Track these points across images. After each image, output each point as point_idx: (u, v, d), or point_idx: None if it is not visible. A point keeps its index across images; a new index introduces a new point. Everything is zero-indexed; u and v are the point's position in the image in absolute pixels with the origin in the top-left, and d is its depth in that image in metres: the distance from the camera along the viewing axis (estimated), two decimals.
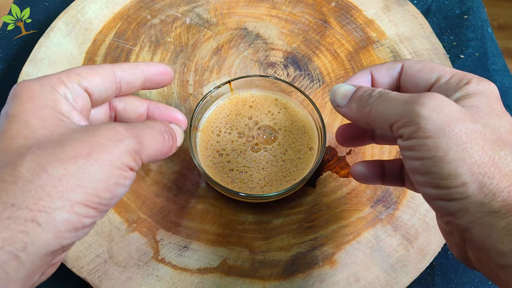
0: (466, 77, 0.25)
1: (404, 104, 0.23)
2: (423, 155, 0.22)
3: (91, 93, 0.26)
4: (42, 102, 0.23)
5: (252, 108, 0.43)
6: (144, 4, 0.53)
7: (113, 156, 0.22)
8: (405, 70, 0.28)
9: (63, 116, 0.24)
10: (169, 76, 0.30)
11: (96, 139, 0.22)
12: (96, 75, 0.26)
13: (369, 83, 0.29)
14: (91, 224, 0.22)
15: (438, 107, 0.22)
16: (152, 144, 0.25)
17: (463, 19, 0.57)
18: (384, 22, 0.52)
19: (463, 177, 0.21)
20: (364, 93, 0.26)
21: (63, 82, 0.25)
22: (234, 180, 0.39)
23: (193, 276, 0.37)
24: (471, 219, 0.21)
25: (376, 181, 0.32)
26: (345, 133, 0.33)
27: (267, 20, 0.52)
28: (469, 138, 0.22)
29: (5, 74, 0.52)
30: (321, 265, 0.38)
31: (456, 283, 0.40)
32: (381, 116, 0.25)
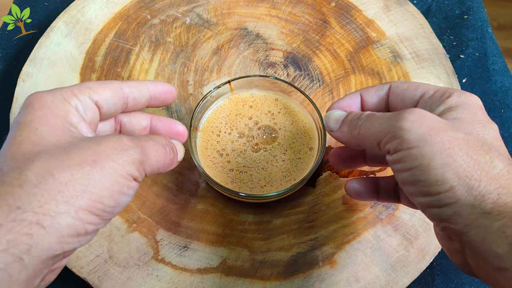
0: (448, 91, 0.27)
1: (388, 121, 0.25)
2: (410, 165, 0.23)
3: (100, 107, 0.27)
4: (52, 112, 0.24)
5: (252, 108, 0.43)
6: (144, 4, 0.53)
7: (118, 165, 0.23)
8: (392, 89, 0.30)
9: (72, 126, 0.24)
10: (172, 95, 0.31)
11: (102, 148, 0.23)
12: (106, 90, 0.27)
13: (358, 103, 0.31)
14: (93, 231, 0.22)
15: (419, 119, 0.24)
16: (155, 155, 0.26)
17: (463, 19, 0.57)
18: (384, 22, 0.52)
19: (450, 182, 0.22)
20: (354, 116, 0.29)
21: (75, 95, 0.26)
22: (234, 180, 0.39)
23: (193, 276, 0.37)
24: (466, 222, 0.22)
25: (370, 197, 0.33)
26: (338, 156, 0.35)
27: (267, 20, 0.52)
28: (452, 144, 0.23)
29: (5, 74, 0.52)
30: (321, 265, 0.38)
31: (456, 283, 0.40)
32: (369, 135, 0.26)
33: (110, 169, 0.22)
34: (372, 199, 0.33)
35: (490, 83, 0.52)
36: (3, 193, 0.20)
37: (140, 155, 0.24)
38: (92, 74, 0.48)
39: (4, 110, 0.48)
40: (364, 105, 0.31)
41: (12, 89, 0.46)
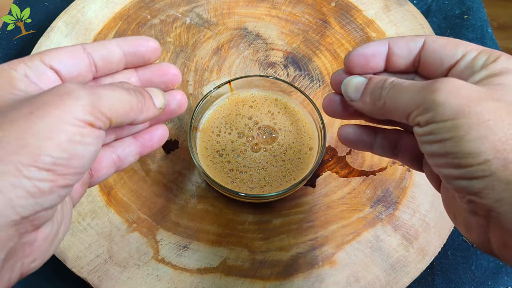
0: (494, 54, 0.24)
1: (419, 92, 0.23)
2: (442, 137, 0.22)
3: (57, 70, 0.24)
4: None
5: (252, 108, 0.43)
6: (144, 4, 0.53)
7: (60, 111, 0.20)
8: (427, 44, 0.26)
9: (17, 90, 0.22)
10: (152, 48, 0.27)
11: (41, 97, 0.20)
12: (60, 52, 0.24)
13: (384, 54, 0.27)
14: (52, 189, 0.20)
15: (455, 91, 0.22)
16: (113, 96, 0.22)
17: (463, 19, 0.57)
18: (384, 22, 0.52)
19: (485, 154, 0.20)
20: (377, 85, 0.25)
21: (23, 61, 0.23)
22: (234, 180, 0.39)
23: (193, 276, 0.37)
24: (497, 197, 0.21)
25: (364, 148, 0.30)
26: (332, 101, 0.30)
27: (267, 20, 0.52)
28: (492, 115, 0.21)
29: None
30: (321, 265, 0.38)
31: (456, 283, 0.40)
32: (396, 107, 0.24)
33: (50, 116, 0.20)
34: (365, 149, 0.30)
35: None
36: None
37: (90, 97, 0.21)
38: None
39: None
40: (391, 57, 0.27)
41: None
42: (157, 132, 0.29)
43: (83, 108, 0.20)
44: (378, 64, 0.27)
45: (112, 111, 0.22)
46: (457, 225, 0.25)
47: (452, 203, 0.25)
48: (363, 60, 0.27)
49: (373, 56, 0.27)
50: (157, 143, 0.29)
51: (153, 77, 0.28)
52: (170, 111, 0.29)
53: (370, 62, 0.27)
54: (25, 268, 0.21)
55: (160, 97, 0.27)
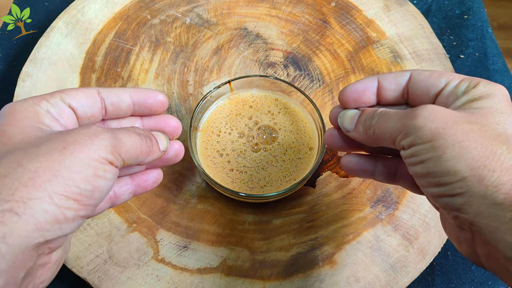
0: (474, 81, 0.26)
1: (401, 118, 0.25)
2: (423, 158, 0.23)
3: (75, 109, 0.27)
4: (22, 115, 0.24)
5: (252, 108, 0.43)
6: (144, 4, 0.53)
7: (89, 149, 0.22)
8: (413, 77, 0.29)
9: (44, 125, 0.24)
10: (159, 102, 0.30)
11: (71, 135, 0.23)
12: (79, 93, 0.27)
13: (374, 88, 0.30)
14: (74, 218, 0.22)
15: (432, 115, 0.24)
16: (129, 141, 0.25)
17: (463, 19, 0.57)
18: (384, 22, 0.52)
19: (461, 172, 0.22)
20: (367, 115, 0.28)
21: (45, 99, 0.26)
22: (234, 180, 0.39)
23: (193, 276, 0.37)
24: (476, 211, 0.22)
25: (365, 176, 0.32)
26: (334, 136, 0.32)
27: (267, 20, 0.52)
28: (466, 136, 0.23)
29: (5, 74, 0.52)
30: (321, 265, 0.38)
31: (456, 283, 0.40)
32: (383, 133, 0.26)
33: (80, 153, 0.22)
34: (367, 177, 0.33)
35: None
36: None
37: (112, 140, 0.24)
38: (92, 74, 0.48)
39: None
40: (381, 91, 0.30)
41: (12, 89, 0.46)
42: (152, 174, 0.32)
43: (106, 148, 0.23)
44: (369, 98, 0.30)
45: (127, 154, 0.25)
46: (451, 240, 0.26)
47: (445, 220, 0.27)
48: (356, 95, 0.30)
49: (364, 91, 0.30)
50: (151, 185, 0.32)
51: (156, 127, 0.32)
52: (167, 159, 0.32)
53: (362, 97, 0.30)
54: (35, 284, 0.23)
55: (164, 141, 0.30)
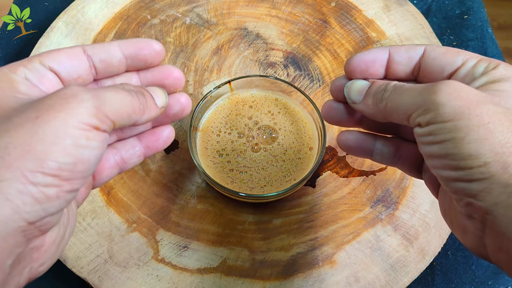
0: (494, 62, 0.25)
1: (420, 93, 0.23)
2: (443, 138, 0.22)
3: (57, 72, 0.24)
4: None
5: (252, 108, 0.43)
6: (144, 4, 0.53)
7: (65, 114, 0.20)
8: (428, 52, 0.27)
9: (20, 93, 0.22)
10: (155, 52, 0.27)
11: (45, 101, 0.20)
12: (60, 53, 0.24)
13: (384, 60, 0.28)
14: (58, 195, 0.20)
15: (456, 92, 0.22)
16: (116, 99, 0.22)
17: (463, 19, 0.57)
18: (384, 22, 0.52)
19: (485, 157, 0.21)
20: (379, 88, 0.26)
21: (22, 64, 0.23)
22: (234, 180, 0.39)
23: (193, 276, 0.37)
24: (494, 200, 0.21)
25: (363, 155, 0.30)
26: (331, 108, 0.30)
27: (267, 20, 0.52)
28: (492, 118, 0.21)
29: None
30: (321, 265, 0.38)
31: (456, 283, 0.40)
32: (397, 108, 0.24)
33: (56, 120, 0.19)
34: (365, 156, 0.30)
35: None
36: None
37: (94, 100, 0.21)
38: None
39: None
40: (391, 64, 0.28)
41: None
42: (163, 133, 0.28)
43: (88, 111, 0.20)
44: (378, 71, 0.27)
45: (115, 114, 0.22)
46: (453, 230, 0.25)
47: (449, 208, 0.25)
48: (364, 65, 0.27)
49: (373, 62, 0.27)
50: (162, 144, 0.28)
51: (155, 80, 0.28)
52: (172, 114, 0.28)
53: (370, 68, 0.27)
54: (33, 272, 0.21)
55: (161, 96, 0.26)
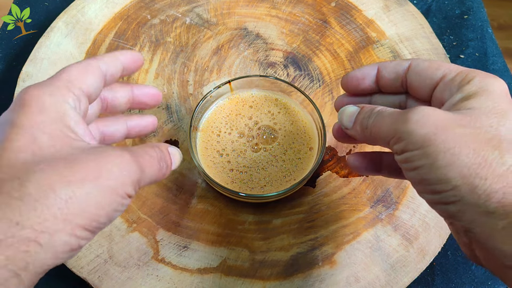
0: (470, 75, 0.25)
1: (394, 122, 0.25)
2: (416, 164, 0.23)
3: (89, 95, 0.27)
4: (51, 116, 0.24)
5: (252, 108, 0.43)
6: (144, 4, 0.53)
7: (118, 184, 0.23)
8: (412, 67, 0.28)
9: (70, 131, 0.24)
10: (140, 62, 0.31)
11: (104, 164, 0.23)
12: (89, 75, 0.27)
13: (373, 76, 0.30)
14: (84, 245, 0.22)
15: (422, 120, 0.23)
16: (150, 171, 0.26)
17: (463, 19, 0.57)
18: (384, 22, 0.52)
19: (454, 181, 0.22)
20: (365, 114, 0.28)
21: (69, 90, 0.25)
22: (234, 180, 0.39)
23: (193, 276, 0.37)
24: (470, 219, 0.22)
25: (372, 173, 0.32)
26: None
27: (267, 20, 0.52)
28: (457, 142, 0.22)
29: (5, 74, 0.52)
30: (321, 265, 0.38)
31: (456, 283, 0.40)
32: (378, 135, 0.26)
33: (110, 187, 0.22)
34: (374, 174, 0.32)
35: None
36: (2, 205, 0.20)
37: (138, 174, 0.24)
38: None
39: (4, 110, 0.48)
40: (380, 80, 0.30)
41: (12, 89, 0.46)
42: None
43: (132, 183, 0.24)
44: (369, 86, 0.30)
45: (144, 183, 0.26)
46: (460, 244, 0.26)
47: None
48: (355, 82, 0.30)
49: (363, 80, 0.30)
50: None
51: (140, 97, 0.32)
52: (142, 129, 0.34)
53: (361, 85, 0.30)
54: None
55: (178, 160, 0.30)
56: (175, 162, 0.30)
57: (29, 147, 0.22)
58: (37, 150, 0.22)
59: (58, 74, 0.26)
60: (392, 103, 0.31)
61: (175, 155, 0.30)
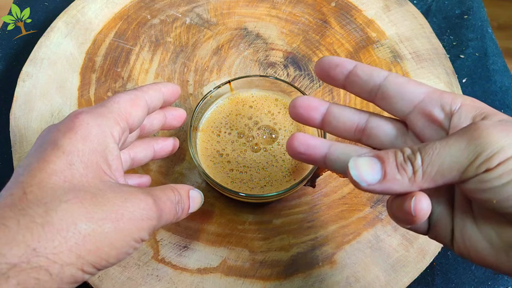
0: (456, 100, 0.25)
1: (469, 142, 0.21)
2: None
3: (133, 127, 0.28)
4: (93, 147, 0.24)
5: (252, 108, 0.43)
6: (144, 4, 0.53)
7: (135, 229, 0.23)
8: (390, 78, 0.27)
9: (106, 165, 0.25)
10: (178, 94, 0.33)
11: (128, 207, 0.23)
12: (136, 108, 0.28)
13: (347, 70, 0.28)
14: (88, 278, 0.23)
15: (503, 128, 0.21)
16: (166, 217, 0.26)
17: (463, 19, 0.57)
18: (384, 22, 0.52)
19: None
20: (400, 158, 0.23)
21: (118, 124, 0.26)
22: (234, 180, 0.39)
23: (193, 276, 0.37)
24: None
25: None
26: None
27: (267, 20, 0.52)
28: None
29: (5, 74, 0.52)
30: (321, 265, 0.38)
31: (456, 283, 0.40)
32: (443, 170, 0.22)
33: (127, 232, 0.23)
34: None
35: (490, 83, 0.52)
36: (24, 229, 0.20)
37: (156, 221, 0.25)
38: (92, 74, 0.48)
39: (4, 110, 0.48)
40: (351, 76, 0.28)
41: (12, 89, 0.46)
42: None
43: (149, 229, 0.24)
44: (337, 75, 0.29)
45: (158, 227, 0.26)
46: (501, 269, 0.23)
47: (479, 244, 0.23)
48: (327, 65, 0.29)
49: (336, 67, 0.29)
50: None
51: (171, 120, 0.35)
52: None
53: (332, 71, 0.29)
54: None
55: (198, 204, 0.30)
56: (194, 207, 0.30)
57: (63, 173, 0.23)
58: (69, 177, 0.23)
59: (110, 104, 0.27)
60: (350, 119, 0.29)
61: (196, 199, 0.30)
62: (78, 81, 0.47)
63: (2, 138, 0.46)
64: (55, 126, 0.25)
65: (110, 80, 0.48)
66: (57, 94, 0.46)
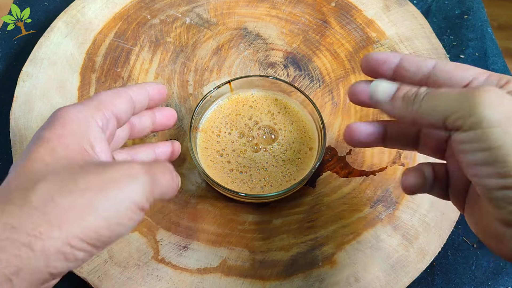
0: (504, 79, 0.25)
1: (460, 96, 0.23)
2: (490, 145, 0.21)
3: (118, 117, 0.28)
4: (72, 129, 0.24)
5: (252, 108, 0.43)
6: (144, 4, 0.53)
7: (124, 194, 0.22)
8: (438, 66, 0.27)
9: (88, 145, 0.25)
10: (164, 94, 0.33)
11: (110, 174, 0.22)
12: (119, 99, 0.28)
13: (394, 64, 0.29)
14: (84, 257, 0.22)
15: (500, 97, 0.22)
16: (163, 181, 0.25)
17: (463, 19, 0.57)
18: (384, 22, 0.52)
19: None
20: (409, 92, 0.26)
21: (100, 110, 0.26)
22: (234, 180, 0.39)
23: (193, 276, 0.37)
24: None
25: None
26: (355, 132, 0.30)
27: (267, 20, 0.52)
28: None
29: (5, 74, 0.52)
30: (321, 265, 0.38)
31: (456, 283, 0.40)
32: (432, 110, 0.24)
33: (114, 198, 0.22)
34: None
35: None
36: (5, 211, 0.20)
37: (150, 183, 0.24)
38: (92, 74, 0.48)
39: (4, 110, 0.48)
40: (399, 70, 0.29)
41: (12, 89, 0.46)
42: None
43: (143, 193, 0.23)
44: (386, 72, 0.29)
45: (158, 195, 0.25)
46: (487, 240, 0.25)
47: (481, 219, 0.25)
48: (375, 62, 0.29)
49: (384, 63, 0.29)
50: None
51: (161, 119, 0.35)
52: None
53: (380, 67, 0.29)
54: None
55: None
56: None
57: (44, 158, 0.23)
58: (51, 161, 0.23)
59: (92, 97, 0.27)
60: None
61: None
62: (78, 81, 0.47)
63: (2, 138, 0.46)
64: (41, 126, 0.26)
65: (110, 80, 0.48)
66: (57, 94, 0.46)
